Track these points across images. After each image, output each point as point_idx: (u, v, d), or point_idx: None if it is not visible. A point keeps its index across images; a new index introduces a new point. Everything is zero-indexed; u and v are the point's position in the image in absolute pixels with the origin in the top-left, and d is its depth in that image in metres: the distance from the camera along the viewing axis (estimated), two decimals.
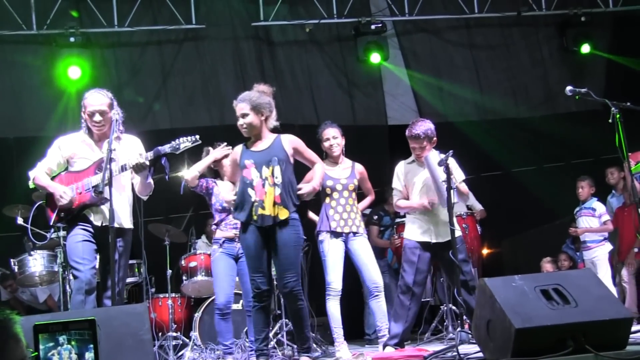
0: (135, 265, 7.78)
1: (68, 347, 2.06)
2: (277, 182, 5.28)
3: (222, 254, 6.42)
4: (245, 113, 5.43)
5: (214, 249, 6.48)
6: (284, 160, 5.37)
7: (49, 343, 2.04)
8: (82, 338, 2.08)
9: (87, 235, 5.38)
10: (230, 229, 6.43)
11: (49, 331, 2.07)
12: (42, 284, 7.95)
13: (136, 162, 5.30)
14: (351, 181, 6.48)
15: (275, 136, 5.52)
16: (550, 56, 11.14)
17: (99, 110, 5.45)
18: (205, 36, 10.25)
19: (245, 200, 5.34)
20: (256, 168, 5.34)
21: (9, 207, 7.61)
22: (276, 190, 5.26)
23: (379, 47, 10.26)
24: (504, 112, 10.89)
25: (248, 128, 5.45)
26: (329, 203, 6.43)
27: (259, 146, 5.47)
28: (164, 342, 7.41)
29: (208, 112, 10.36)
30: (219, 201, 6.48)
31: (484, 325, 4.41)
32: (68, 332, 2.06)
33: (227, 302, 6.33)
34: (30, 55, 9.57)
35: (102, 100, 5.48)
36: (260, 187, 5.28)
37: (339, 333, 6.32)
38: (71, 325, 2.08)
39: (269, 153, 5.38)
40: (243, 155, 5.47)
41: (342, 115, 10.46)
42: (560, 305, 4.21)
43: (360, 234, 6.43)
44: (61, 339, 2.07)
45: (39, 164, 5.56)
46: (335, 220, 6.34)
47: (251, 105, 5.43)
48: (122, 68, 9.99)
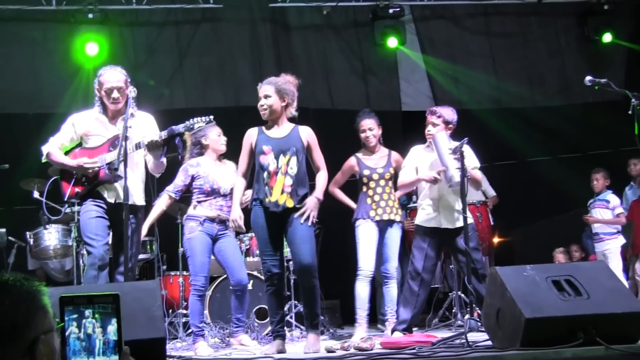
0: (148, 242, 7.80)
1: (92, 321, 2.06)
2: (291, 173, 5.30)
3: (201, 233, 6.18)
4: (268, 94, 5.42)
5: (191, 227, 6.22)
6: (301, 151, 5.38)
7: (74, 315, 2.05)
8: (106, 312, 2.08)
9: (100, 211, 5.41)
10: (215, 209, 6.26)
11: (74, 304, 2.08)
12: (57, 257, 8.00)
13: (150, 141, 5.30)
14: (387, 170, 6.56)
15: (293, 126, 5.51)
16: (568, 46, 11.03)
17: (116, 86, 5.46)
18: (222, 17, 10.21)
19: (261, 182, 5.35)
20: (274, 155, 5.33)
21: (25, 181, 7.65)
22: (287, 180, 5.28)
23: (396, 31, 10.19)
24: (520, 101, 10.80)
25: (268, 110, 5.43)
26: (366, 192, 6.52)
27: (277, 133, 5.45)
28: (174, 319, 7.43)
29: (223, 94, 10.34)
30: (209, 182, 6.27)
31: (493, 313, 4.40)
32: (92, 306, 2.07)
33: (205, 283, 6.21)
34: (49, 32, 9.57)
35: (118, 77, 5.49)
36: (274, 173, 5.29)
37: (360, 314, 6.38)
38: (96, 298, 2.08)
39: (287, 142, 5.38)
40: (260, 140, 5.44)
41: (356, 100, 10.42)
42: (571, 297, 4.20)
43: (397, 222, 6.50)
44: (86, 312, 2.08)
45: (52, 140, 5.57)
46: (373, 209, 6.43)
47: (276, 88, 5.43)
48: (139, 47, 9.97)
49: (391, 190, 6.58)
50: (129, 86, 5.51)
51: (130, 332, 3.97)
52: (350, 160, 6.75)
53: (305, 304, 5.49)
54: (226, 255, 6.29)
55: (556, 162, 10.65)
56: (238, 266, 6.33)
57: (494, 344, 4.43)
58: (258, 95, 5.49)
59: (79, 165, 5.38)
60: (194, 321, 6.23)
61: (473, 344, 4.70)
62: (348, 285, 9.39)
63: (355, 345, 5.48)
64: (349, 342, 5.69)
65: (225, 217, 6.20)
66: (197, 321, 6.21)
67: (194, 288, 6.20)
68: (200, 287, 6.16)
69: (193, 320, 6.24)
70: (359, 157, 6.71)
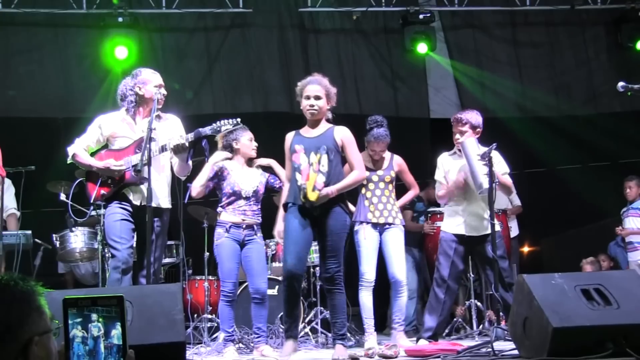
0: (174, 246, 7.78)
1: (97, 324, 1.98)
2: (323, 170, 5.19)
3: (227, 239, 6.14)
4: (319, 95, 5.35)
5: (219, 233, 6.19)
6: (333, 150, 5.29)
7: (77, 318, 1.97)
8: (110, 315, 2.00)
9: (125, 214, 5.36)
10: (239, 214, 6.19)
11: (77, 306, 2.00)
12: (82, 260, 7.99)
13: (176, 143, 5.25)
14: (388, 173, 6.45)
15: (329, 126, 5.44)
16: (596, 56, 10.88)
17: (162, 84, 5.51)
18: (252, 23, 10.22)
19: (293, 184, 5.29)
20: (305, 153, 5.26)
21: (52, 183, 7.68)
22: (319, 177, 5.16)
23: (426, 37, 10.11)
24: (546, 110, 10.69)
25: (318, 111, 5.35)
26: (364, 194, 6.41)
27: (312, 133, 5.40)
28: (199, 324, 7.38)
29: (252, 99, 10.33)
30: (230, 184, 6.23)
31: (520, 322, 4.31)
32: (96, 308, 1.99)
33: (234, 289, 6.14)
34: (79, 36, 9.65)
35: (159, 76, 5.56)
36: (306, 171, 5.20)
37: (369, 324, 6.28)
38: (99, 301, 2.00)
39: (319, 140, 5.31)
40: (294, 140, 5.40)
41: (384, 107, 10.36)
42: (601, 306, 4.09)
43: (395, 225, 6.37)
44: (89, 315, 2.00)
45: (77, 141, 5.53)
46: (371, 212, 6.32)
47: (325, 89, 5.39)
48: (169, 52, 10.01)
49: (391, 194, 6.44)
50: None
51: (150, 336, 3.95)
52: None
53: (331, 312, 5.41)
54: (249, 262, 6.21)
55: (585, 171, 10.49)
56: (258, 273, 6.20)
57: (520, 353, 4.35)
58: (302, 94, 5.39)
59: (105, 167, 5.35)
60: (223, 326, 6.19)
61: (499, 353, 4.64)
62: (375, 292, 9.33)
63: (379, 353, 5.38)
64: (373, 349, 5.59)
65: (252, 221, 6.17)
66: (226, 326, 6.17)
67: (222, 294, 6.15)
68: (228, 293, 6.11)
69: (223, 326, 6.20)
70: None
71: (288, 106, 9.72)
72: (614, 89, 5.66)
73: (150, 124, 5.14)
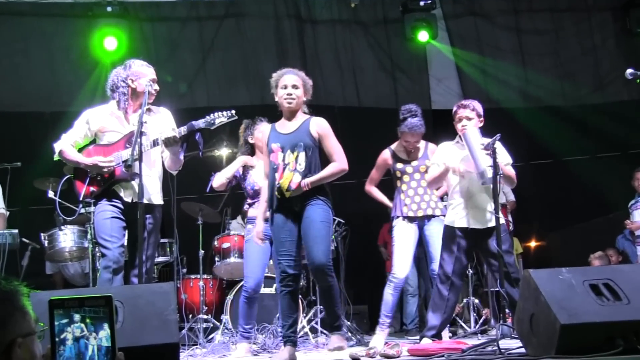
0: (167, 244, 7.75)
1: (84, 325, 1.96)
2: (299, 169, 5.16)
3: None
4: (296, 85, 5.33)
5: (249, 229, 6.29)
6: (310, 146, 5.24)
7: (64, 319, 1.95)
8: (97, 315, 1.97)
9: (115, 211, 5.33)
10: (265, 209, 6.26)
11: (64, 307, 1.97)
12: (72, 259, 7.96)
13: (168, 137, 5.21)
14: (422, 162, 6.39)
15: (305, 118, 5.39)
16: (603, 43, 10.85)
17: (155, 78, 5.47)
18: (247, 12, 10.18)
19: (273, 184, 5.24)
20: (282, 151, 5.23)
21: (39, 180, 7.64)
22: (295, 177, 5.14)
23: (427, 24, 10.08)
24: (551, 99, 10.66)
25: (296, 101, 5.32)
26: (400, 187, 6.39)
27: (288, 127, 5.34)
28: (194, 325, 7.37)
29: (247, 91, 10.30)
30: (250, 184, 6.35)
31: (527, 319, 4.29)
32: (83, 309, 1.97)
33: (256, 287, 6.20)
34: (66, 26, 9.59)
35: (153, 69, 5.52)
36: (281, 170, 5.18)
37: (384, 321, 6.24)
38: (87, 301, 1.98)
39: (295, 137, 5.26)
40: (271, 138, 5.35)
41: (384, 99, 10.36)
42: (610, 302, 4.07)
43: (437, 216, 6.32)
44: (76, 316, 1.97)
45: (64, 136, 5.50)
46: (406, 205, 6.29)
47: (302, 80, 5.37)
48: (160, 42, 9.97)
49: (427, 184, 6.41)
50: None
51: (142, 337, 3.92)
52: (384, 153, 6.58)
53: (324, 303, 5.40)
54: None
55: (593, 162, 10.45)
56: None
57: (527, 351, 4.32)
58: (278, 84, 5.35)
59: (93, 164, 5.31)
60: (240, 322, 6.28)
61: (505, 352, 4.61)
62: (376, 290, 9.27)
63: (381, 352, 5.36)
64: (374, 348, 5.57)
65: None
66: (243, 323, 6.25)
67: (244, 289, 6.25)
68: (248, 289, 6.18)
69: (240, 322, 6.29)
70: (393, 150, 6.55)
71: None
72: (622, 77, 5.66)
73: (141, 117, 5.10)
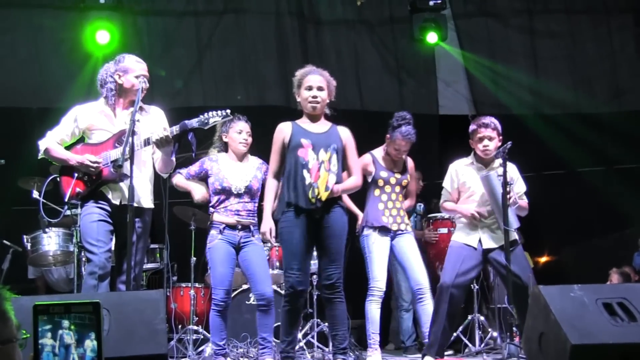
0: (157, 250, 7.74)
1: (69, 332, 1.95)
2: (333, 170, 5.21)
3: (221, 242, 6.11)
4: (322, 87, 5.38)
5: (212, 235, 6.17)
6: (340, 151, 5.33)
7: (47, 325, 1.94)
8: (83, 322, 1.96)
9: (103, 214, 5.32)
10: (231, 214, 6.15)
11: (49, 313, 1.96)
12: (56, 264, 7.91)
13: (160, 136, 5.20)
14: (405, 177, 6.54)
15: (330, 124, 5.46)
16: (622, 48, 10.80)
17: (146, 75, 5.44)
18: (247, 8, 10.16)
19: (298, 182, 5.23)
20: (313, 150, 5.24)
21: (24, 179, 7.62)
22: (331, 177, 5.17)
23: (436, 25, 10.04)
24: (564, 107, 10.60)
25: (321, 103, 5.37)
26: (379, 196, 6.44)
27: (316, 128, 5.38)
28: (184, 336, 7.35)
29: (245, 91, 10.28)
30: (219, 180, 6.21)
31: (535, 338, 4.29)
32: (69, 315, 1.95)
33: (227, 297, 6.09)
34: (56, 18, 9.56)
35: (144, 65, 5.50)
36: (316, 169, 5.18)
37: (375, 338, 6.31)
38: (73, 307, 1.96)
39: (328, 137, 5.32)
40: (297, 133, 5.35)
41: (389, 102, 10.33)
42: (624, 322, 4.07)
43: (407, 231, 6.39)
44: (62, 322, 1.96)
45: (50, 134, 5.50)
46: (385, 216, 6.34)
47: (327, 81, 5.42)
48: (155, 37, 9.94)
49: (402, 199, 6.52)
50: None
51: (129, 347, 3.91)
52: (365, 158, 6.60)
53: (331, 323, 5.41)
54: (249, 265, 6.14)
55: (609, 174, 10.42)
56: (262, 277, 6.12)
57: None
58: (302, 84, 5.40)
59: (82, 162, 5.30)
60: (213, 339, 6.16)
61: None
62: None
63: None
64: None
65: (247, 222, 6.13)
66: (217, 339, 6.12)
67: (213, 302, 6.11)
68: (219, 302, 6.06)
69: (213, 338, 6.17)
70: (375, 157, 6.60)
71: (284, 100, 9.67)
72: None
73: (134, 115, 5.10)
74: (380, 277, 6.34)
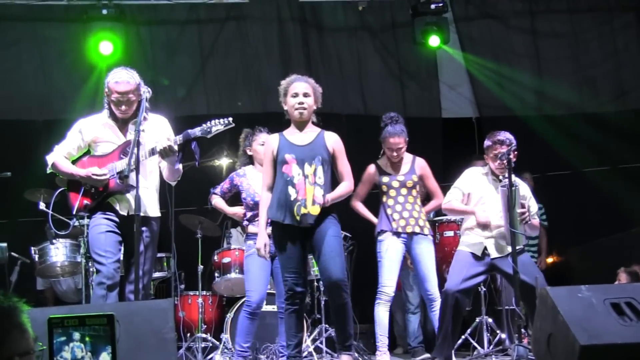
0: (164, 259, 7.74)
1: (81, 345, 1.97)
2: (319, 182, 5.20)
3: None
4: (307, 93, 5.36)
5: (249, 244, 6.35)
6: (327, 161, 5.30)
7: (61, 338, 1.96)
8: (97, 334, 1.99)
9: (111, 225, 5.35)
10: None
11: (63, 325, 1.99)
12: (64, 275, 7.92)
13: (164, 147, 5.23)
14: (409, 177, 6.49)
15: (318, 131, 5.44)
16: (626, 47, 10.78)
17: (124, 99, 5.38)
18: (249, 15, 10.18)
19: (285, 198, 5.23)
20: (298, 164, 5.24)
21: (30, 191, 7.66)
22: (317, 190, 5.17)
23: (439, 28, 10.01)
24: (568, 107, 10.58)
25: (307, 110, 5.36)
26: (386, 202, 6.47)
27: (301, 139, 5.37)
28: (192, 344, 7.37)
29: (249, 98, 10.30)
30: (250, 195, 6.38)
31: (544, 339, 4.29)
32: (83, 328, 1.98)
33: (260, 302, 6.24)
34: (60, 30, 9.60)
35: (126, 87, 5.36)
36: (302, 185, 5.19)
37: (383, 342, 6.33)
38: (88, 320, 1.99)
39: (312, 149, 5.30)
40: (283, 148, 5.35)
41: (392, 106, 10.23)
42: (633, 322, 4.06)
43: (425, 235, 6.38)
44: (76, 335, 1.99)
45: (57, 148, 5.54)
46: (395, 220, 6.35)
47: (313, 88, 5.40)
48: (158, 47, 9.97)
49: (415, 200, 6.50)
50: (140, 90, 5.39)
51: (139, 356, 3.92)
52: (369, 168, 6.72)
53: (336, 321, 5.40)
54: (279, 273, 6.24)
55: (614, 174, 10.39)
56: None
57: None
58: (288, 92, 5.39)
59: (87, 175, 5.33)
60: (239, 340, 6.30)
61: None
62: None
63: None
64: None
65: None
66: (241, 340, 6.27)
67: (246, 304, 6.27)
68: (252, 304, 6.21)
69: (238, 339, 6.31)
70: (379, 164, 6.66)
71: None
72: None
73: (138, 126, 5.13)
74: (389, 283, 6.38)
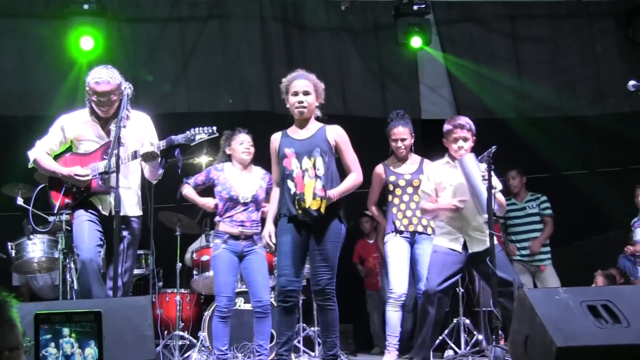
0: (143, 256, 7.73)
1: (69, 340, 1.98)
2: (319, 175, 5.17)
3: (225, 251, 6.28)
4: (308, 91, 5.38)
5: (216, 243, 6.34)
6: (327, 152, 5.29)
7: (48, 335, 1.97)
8: (84, 330, 1.99)
9: (93, 219, 5.36)
10: (236, 225, 6.31)
11: (50, 321, 1.99)
12: (41, 271, 7.88)
13: (146, 152, 5.24)
14: (416, 177, 6.51)
15: (320, 125, 5.46)
16: (605, 52, 10.85)
17: (105, 100, 5.36)
18: (231, 14, 10.15)
19: (285, 192, 5.27)
20: (297, 158, 5.25)
21: (8, 186, 7.62)
22: (317, 183, 5.15)
23: (421, 30, 10.04)
24: (547, 110, 10.61)
25: (308, 108, 5.37)
26: (392, 201, 6.53)
27: (301, 134, 5.41)
28: (170, 342, 7.36)
29: (230, 97, 10.27)
30: (226, 189, 6.37)
31: (521, 341, 4.32)
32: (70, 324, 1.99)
33: (229, 305, 6.26)
34: (40, 25, 9.51)
35: (107, 88, 5.33)
36: (300, 179, 5.18)
37: (391, 341, 6.35)
38: (75, 316, 2.00)
39: (311, 143, 5.31)
40: (283, 143, 5.40)
41: (372, 107, 10.37)
42: (609, 324, 4.10)
43: (427, 235, 6.40)
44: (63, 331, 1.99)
45: (39, 144, 5.51)
46: (398, 219, 6.38)
47: (314, 84, 5.42)
48: (140, 44, 9.90)
49: (421, 200, 6.47)
50: (121, 89, 5.35)
51: (117, 354, 3.91)
52: (377, 168, 6.74)
53: (322, 328, 5.46)
54: (250, 273, 6.33)
55: (593, 177, 10.46)
56: (261, 285, 6.32)
57: None
58: (289, 91, 5.42)
59: (69, 175, 5.32)
60: (216, 345, 6.28)
61: None
62: (362, 309, 9.28)
63: None
64: None
65: (250, 232, 6.29)
66: (219, 344, 6.26)
67: (217, 309, 6.29)
68: (222, 308, 6.22)
69: (215, 344, 6.29)
70: (386, 164, 6.68)
71: (269, 105, 9.69)
72: (623, 88, 5.70)
73: (119, 123, 5.12)
74: (396, 285, 6.40)
